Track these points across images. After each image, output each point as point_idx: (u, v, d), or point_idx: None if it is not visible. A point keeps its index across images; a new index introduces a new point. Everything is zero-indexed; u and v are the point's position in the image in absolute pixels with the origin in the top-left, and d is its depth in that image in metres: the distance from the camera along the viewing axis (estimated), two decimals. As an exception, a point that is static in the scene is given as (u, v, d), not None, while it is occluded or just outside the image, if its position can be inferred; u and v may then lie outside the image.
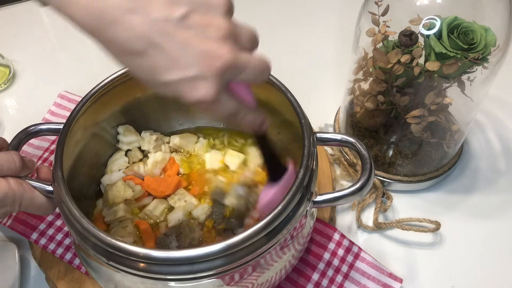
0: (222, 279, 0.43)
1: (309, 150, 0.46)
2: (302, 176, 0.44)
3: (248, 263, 0.42)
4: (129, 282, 0.44)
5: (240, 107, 0.38)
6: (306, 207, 0.45)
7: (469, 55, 0.52)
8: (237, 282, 0.44)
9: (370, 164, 0.47)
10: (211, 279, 0.41)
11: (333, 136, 0.50)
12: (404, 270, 0.59)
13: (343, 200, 0.47)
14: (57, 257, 0.58)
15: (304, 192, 0.44)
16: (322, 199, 0.47)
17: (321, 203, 0.47)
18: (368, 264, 0.57)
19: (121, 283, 0.46)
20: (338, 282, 0.57)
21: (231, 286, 0.44)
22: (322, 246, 0.58)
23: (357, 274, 0.57)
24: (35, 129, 0.51)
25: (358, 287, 0.56)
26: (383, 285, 0.56)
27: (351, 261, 0.58)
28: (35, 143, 0.69)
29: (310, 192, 0.45)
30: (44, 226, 0.60)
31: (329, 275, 0.57)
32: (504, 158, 0.71)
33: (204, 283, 0.42)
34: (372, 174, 0.47)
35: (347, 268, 0.57)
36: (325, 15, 0.93)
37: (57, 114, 0.73)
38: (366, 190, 0.47)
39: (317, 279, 0.57)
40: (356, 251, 0.58)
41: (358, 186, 0.46)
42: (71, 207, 0.43)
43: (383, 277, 0.56)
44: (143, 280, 0.42)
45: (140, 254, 0.39)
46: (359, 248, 0.58)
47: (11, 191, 0.43)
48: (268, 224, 0.41)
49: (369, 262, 0.58)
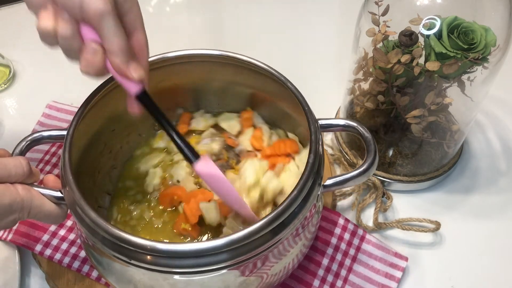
0: (238, 270, 0.43)
1: (316, 135, 0.47)
2: (313, 161, 0.45)
3: (263, 253, 0.43)
4: (149, 280, 0.44)
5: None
6: (317, 192, 0.46)
7: (469, 55, 0.52)
8: (252, 272, 0.45)
9: (374, 145, 0.49)
10: (224, 270, 0.42)
11: (336, 122, 0.52)
12: (406, 265, 0.59)
13: (351, 181, 0.48)
14: (65, 267, 0.57)
15: (315, 177, 0.45)
16: (331, 182, 0.48)
17: (331, 187, 0.48)
18: (374, 246, 0.59)
19: (141, 282, 0.45)
20: (347, 265, 0.58)
21: (246, 276, 0.45)
22: (328, 231, 0.60)
23: (364, 256, 0.58)
24: (38, 136, 0.51)
25: (367, 269, 0.58)
26: (390, 264, 0.57)
27: (357, 244, 0.59)
28: (35, 147, 0.68)
29: (320, 177, 0.47)
30: (48, 237, 0.59)
31: (338, 259, 0.58)
32: (504, 158, 0.71)
33: (222, 274, 0.42)
34: (376, 155, 0.49)
35: (354, 251, 0.59)
36: (325, 15, 0.93)
37: (47, 124, 0.72)
38: (371, 171, 0.48)
39: (327, 264, 0.58)
40: (361, 234, 0.60)
41: (364, 167, 0.48)
42: (84, 207, 0.42)
43: (390, 257, 0.58)
44: (165, 276, 0.42)
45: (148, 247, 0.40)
46: (364, 230, 0.60)
47: (19, 197, 0.42)
48: (283, 211, 0.42)
49: (374, 243, 0.59)
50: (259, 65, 0.54)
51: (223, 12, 0.96)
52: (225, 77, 0.60)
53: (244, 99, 0.63)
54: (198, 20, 0.95)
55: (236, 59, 0.55)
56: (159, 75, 0.57)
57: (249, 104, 0.63)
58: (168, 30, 0.91)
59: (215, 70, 0.59)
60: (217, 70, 0.58)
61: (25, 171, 0.43)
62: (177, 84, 0.61)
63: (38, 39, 0.43)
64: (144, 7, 0.95)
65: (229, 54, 0.55)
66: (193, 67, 0.58)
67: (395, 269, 0.57)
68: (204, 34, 0.92)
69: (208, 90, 0.63)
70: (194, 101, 0.65)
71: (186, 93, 0.63)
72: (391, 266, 0.58)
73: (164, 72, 0.57)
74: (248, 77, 0.57)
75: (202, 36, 0.91)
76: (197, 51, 0.56)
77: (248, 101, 0.63)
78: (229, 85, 0.61)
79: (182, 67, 0.58)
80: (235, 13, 0.95)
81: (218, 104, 0.65)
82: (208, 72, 0.59)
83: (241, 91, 0.61)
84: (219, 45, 0.88)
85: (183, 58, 0.57)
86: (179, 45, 0.59)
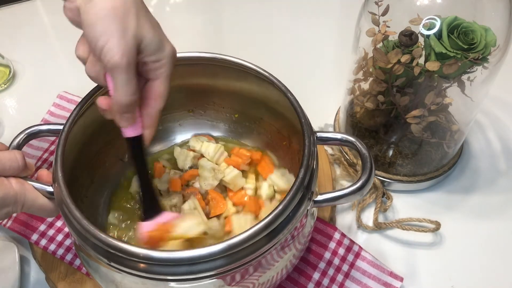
0: (223, 279, 0.42)
1: (310, 149, 0.46)
2: (303, 175, 0.44)
3: (249, 263, 0.42)
4: (130, 283, 0.44)
5: (137, 100, 0.41)
6: (307, 206, 0.45)
7: (469, 55, 0.52)
8: (238, 282, 0.44)
9: (370, 163, 0.47)
10: (212, 279, 0.41)
11: (333, 136, 0.50)
12: (404, 270, 0.59)
13: (343, 199, 0.47)
14: (58, 258, 0.58)
15: (305, 191, 0.44)
16: (323, 199, 0.47)
17: (322, 203, 0.47)
18: (368, 263, 0.57)
19: (122, 284, 0.45)
20: (339, 281, 0.57)
21: (232, 286, 0.44)
22: (322, 245, 0.58)
23: (358, 273, 0.57)
24: (35, 130, 0.51)
25: (359, 286, 0.56)
26: (384, 283, 0.56)
27: (351, 260, 0.58)
28: (34, 144, 0.69)
29: (311, 192, 0.45)
30: (45, 227, 0.60)
31: (330, 274, 0.57)
32: (504, 158, 0.71)
33: (205, 284, 0.42)
34: (372, 174, 0.47)
35: (347, 267, 0.57)
36: (325, 15, 0.93)
37: (56, 114, 0.73)
38: (366, 189, 0.47)
39: (318, 278, 0.57)
40: (356, 250, 0.58)
41: (358, 186, 0.46)
42: (71, 208, 0.42)
43: (384, 276, 0.57)
44: (144, 281, 0.42)
45: (140, 254, 0.39)
46: (359, 247, 0.59)
47: (13, 191, 0.43)
48: (269, 224, 0.41)
49: (369, 261, 0.58)
50: (261, 72, 0.53)
51: (223, 12, 0.96)
52: (227, 80, 0.59)
53: (247, 103, 0.62)
54: (198, 20, 0.95)
55: (237, 64, 0.54)
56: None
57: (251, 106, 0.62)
58: (168, 30, 0.91)
59: (218, 73, 0.58)
60: (219, 73, 0.58)
61: (20, 165, 0.44)
62: (180, 85, 0.61)
63: (38, 39, 0.43)
64: (144, 7, 0.95)
65: (231, 59, 0.55)
66: (194, 69, 0.58)
67: None
68: (203, 34, 0.92)
69: (211, 92, 0.62)
70: (197, 103, 0.65)
71: (188, 94, 0.63)
72: (385, 286, 0.56)
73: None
74: (251, 82, 0.57)
75: (202, 37, 0.91)
76: (199, 54, 0.56)
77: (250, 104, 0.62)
78: (232, 88, 0.61)
79: (184, 69, 0.58)
80: (235, 13, 0.95)
81: (222, 107, 0.64)
82: (211, 74, 0.59)
83: (244, 95, 0.61)
84: (219, 45, 0.89)
85: (184, 60, 0.56)
86: (179, 46, 0.58)
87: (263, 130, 0.63)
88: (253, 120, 0.64)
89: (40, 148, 0.69)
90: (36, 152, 0.68)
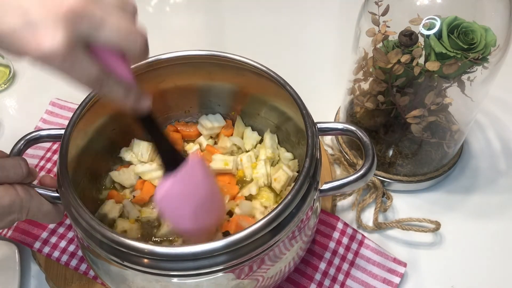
0: (233, 273, 0.43)
1: (313, 140, 0.47)
2: (308, 165, 0.45)
3: (257, 257, 0.43)
4: (142, 282, 0.44)
5: (104, 75, 0.35)
6: (313, 196, 0.46)
7: (469, 55, 0.52)
8: (247, 275, 0.45)
9: (372, 150, 0.48)
10: (220, 273, 0.42)
11: (334, 126, 0.51)
12: (404, 270, 0.59)
13: (348, 187, 0.48)
14: (63, 265, 0.57)
15: (311, 181, 0.45)
16: (328, 187, 0.48)
17: (327, 191, 0.48)
18: (372, 251, 0.58)
19: (134, 283, 0.45)
20: (345, 270, 0.58)
21: (242, 279, 0.45)
22: (326, 235, 0.59)
23: (363, 261, 0.58)
24: (35, 136, 0.51)
25: (364, 274, 0.57)
26: (388, 270, 0.57)
27: (355, 248, 0.59)
28: (29, 152, 0.67)
29: (317, 181, 0.47)
30: (47, 235, 0.59)
31: (335, 264, 0.58)
32: (504, 158, 0.71)
33: (216, 277, 0.42)
34: (375, 160, 0.48)
35: (352, 256, 0.58)
36: (325, 15, 0.93)
37: (50, 122, 0.72)
38: (369, 176, 0.48)
39: (324, 268, 0.57)
40: (360, 239, 0.59)
41: (362, 173, 0.47)
42: (80, 210, 0.42)
43: (388, 262, 0.57)
44: (158, 278, 0.42)
45: (146, 250, 0.40)
46: (362, 235, 0.60)
47: (19, 198, 0.42)
48: (276, 216, 0.42)
49: (373, 248, 0.59)
50: (260, 67, 0.54)
51: (223, 12, 0.96)
52: (225, 78, 0.59)
53: (245, 100, 0.62)
54: (198, 20, 0.94)
55: (235, 61, 0.55)
56: (159, 75, 0.57)
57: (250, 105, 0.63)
58: (168, 30, 0.91)
59: (215, 72, 0.58)
60: (217, 71, 0.58)
61: (24, 172, 0.43)
62: (178, 85, 0.61)
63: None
64: (144, 7, 0.95)
65: (229, 56, 0.55)
66: (193, 68, 0.58)
67: (393, 275, 0.57)
68: (204, 34, 0.92)
69: (209, 91, 0.63)
70: (195, 102, 0.65)
71: (187, 94, 0.63)
72: (389, 272, 0.57)
73: (164, 72, 0.57)
74: (249, 79, 0.57)
75: (202, 36, 0.91)
76: (196, 52, 0.56)
77: (249, 102, 0.62)
78: (229, 86, 0.61)
79: (183, 68, 0.58)
80: (235, 13, 0.95)
81: (219, 105, 0.65)
82: (208, 73, 0.59)
83: (242, 93, 0.61)
84: (219, 45, 0.89)
85: (184, 59, 0.56)
86: (179, 45, 0.59)
87: (261, 126, 0.64)
88: (251, 116, 0.64)
89: (36, 156, 0.68)
90: (32, 160, 0.67)
